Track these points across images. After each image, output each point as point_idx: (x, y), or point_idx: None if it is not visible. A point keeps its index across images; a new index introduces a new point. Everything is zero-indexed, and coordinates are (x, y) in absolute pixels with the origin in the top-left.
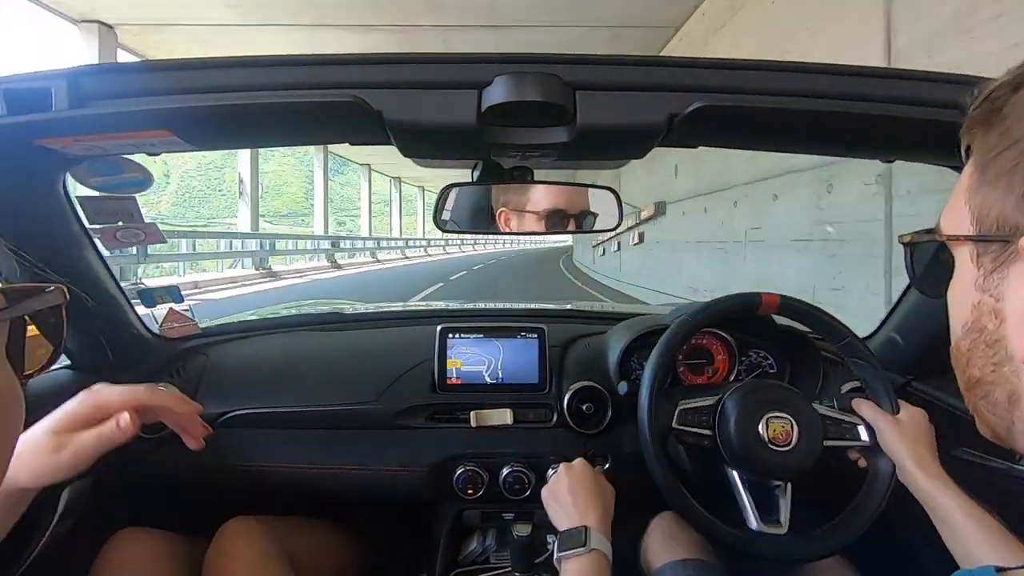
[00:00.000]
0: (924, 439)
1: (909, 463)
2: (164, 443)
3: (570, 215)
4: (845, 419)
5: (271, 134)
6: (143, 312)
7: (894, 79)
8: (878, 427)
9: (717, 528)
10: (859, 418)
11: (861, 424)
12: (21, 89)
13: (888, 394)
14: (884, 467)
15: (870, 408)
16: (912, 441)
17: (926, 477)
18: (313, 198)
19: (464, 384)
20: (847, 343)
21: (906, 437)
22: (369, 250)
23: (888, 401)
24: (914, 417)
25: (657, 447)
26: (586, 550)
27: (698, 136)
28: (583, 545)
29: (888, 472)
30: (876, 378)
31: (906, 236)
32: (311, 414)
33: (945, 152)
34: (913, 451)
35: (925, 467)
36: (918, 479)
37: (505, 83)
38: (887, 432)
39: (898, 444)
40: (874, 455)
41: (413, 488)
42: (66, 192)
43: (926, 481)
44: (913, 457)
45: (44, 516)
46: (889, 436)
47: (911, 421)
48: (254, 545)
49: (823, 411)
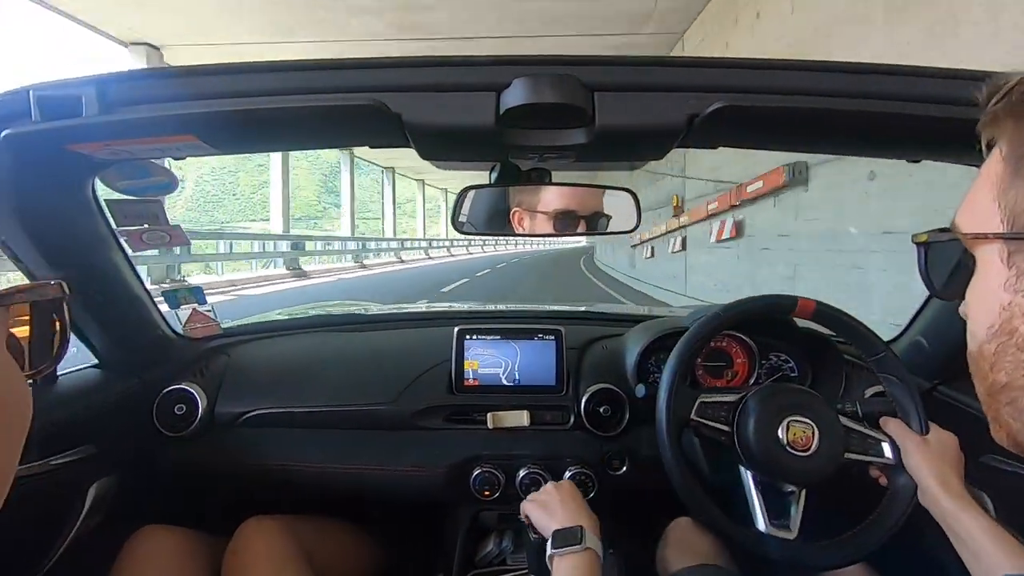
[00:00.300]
0: (951, 461)
1: (932, 483)
2: (186, 442)
3: (584, 216)
4: (871, 434)
5: (292, 138)
6: (166, 310)
7: (913, 76)
8: (904, 446)
9: (724, 523)
10: (885, 435)
11: (886, 441)
12: (54, 96)
13: (919, 414)
14: (905, 487)
15: (898, 426)
16: (938, 461)
17: (948, 497)
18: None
19: (481, 385)
20: (881, 358)
21: (932, 457)
22: (393, 251)
23: (918, 421)
24: (943, 440)
25: (673, 436)
26: (581, 548)
27: (718, 136)
28: (579, 543)
29: (909, 492)
30: (908, 397)
31: (921, 235)
32: (330, 414)
33: (963, 149)
34: (938, 471)
35: (949, 488)
36: (940, 499)
37: (523, 85)
38: (913, 451)
39: (922, 463)
40: (896, 474)
41: (430, 488)
42: (95, 195)
43: (948, 501)
44: (937, 477)
45: (72, 512)
46: (914, 455)
47: (939, 443)
48: (272, 543)
49: (848, 423)
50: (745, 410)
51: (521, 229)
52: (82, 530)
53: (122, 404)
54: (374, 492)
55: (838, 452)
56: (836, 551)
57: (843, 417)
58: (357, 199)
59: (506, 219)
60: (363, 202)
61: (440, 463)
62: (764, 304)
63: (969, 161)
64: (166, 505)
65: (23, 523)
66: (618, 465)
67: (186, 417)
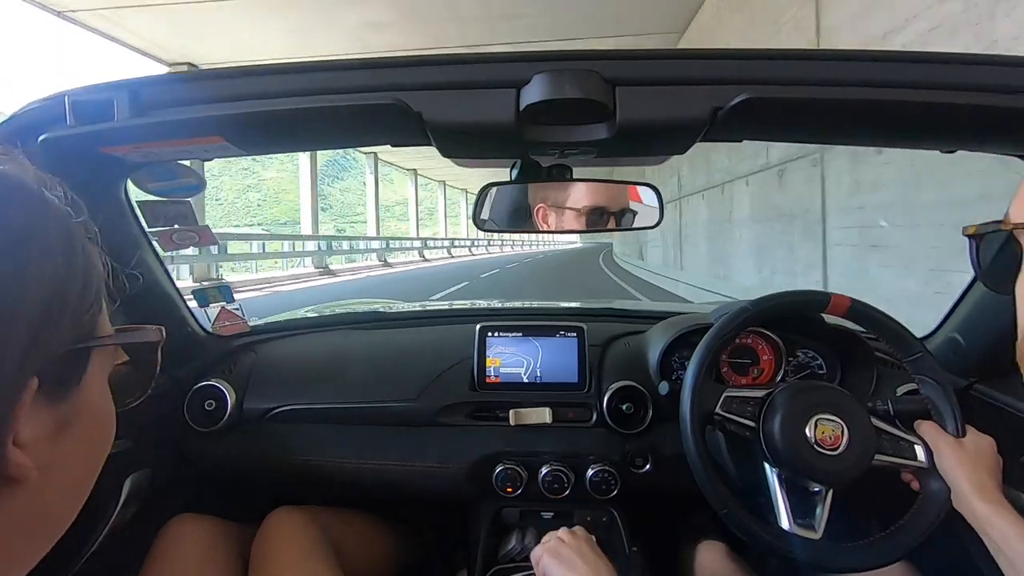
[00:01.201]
0: (987, 465)
1: (966, 486)
2: (215, 437)
3: (610, 212)
4: (903, 436)
5: (315, 137)
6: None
7: (948, 64)
8: (938, 448)
9: (746, 519)
10: (918, 438)
11: (920, 444)
12: (87, 100)
13: (956, 417)
14: (939, 491)
15: (931, 428)
16: (972, 465)
17: (983, 502)
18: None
19: (503, 383)
20: (918, 359)
21: (967, 461)
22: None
23: (954, 424)
24: (979, 443)
25: (697, 432)
26: None
27: (743, 130)
28: None
29: (942, 497)
30: (943, 398)
31: (971, 228)
32: (354, 410)
33: (1004, 138)
34: (973, 475)
35: (984, 492)
36: (974, 504)
37: (543, 81)
38: (947, 454)
39: (957, 467)
40: (929, 477)
41: (453, 485)
42: (127, 196)
43: (983, 506)
44: (972, 481)
45: (108, 503)
46: (948, 458)
47: (975, 446)
48: (299, 533)
49: (879, 424)
50: (772, 406)
51: (545, 226)
52: (119, 519)
53: (155, 400)
54: (397, 488)
55: (868, 453)
56: (862, 554)
57: (874, 418)
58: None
59: (528, 216)
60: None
61: (463, 460)
62: (795, 300)
63: (1010, 150)
64: (197, 496)
65: None
66: (641, 463)
67: (215, 413)
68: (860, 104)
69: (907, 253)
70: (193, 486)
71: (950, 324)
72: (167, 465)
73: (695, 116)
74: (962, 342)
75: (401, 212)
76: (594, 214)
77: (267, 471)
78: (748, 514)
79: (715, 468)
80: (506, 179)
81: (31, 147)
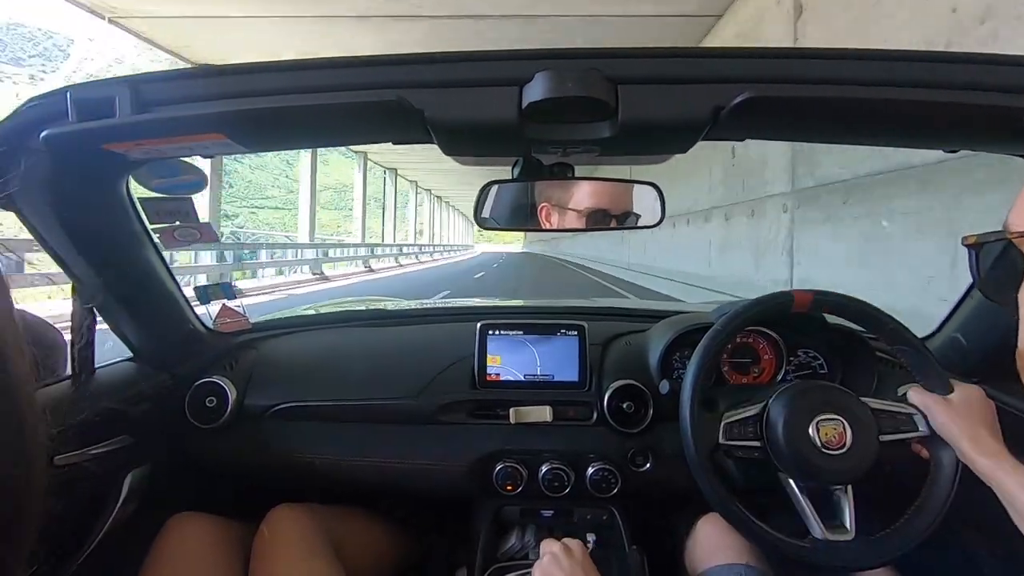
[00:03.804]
0: (980, 417)
1: (964, 443)
2: (218, 434)
3: (612, 212)
4: (900, 411)
5: (317, 135)
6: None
7: (952, 63)
8: (929, 411)
9: (781, 542)
10: (914, 407)
11: (917, 413)
12: (89, 97)
13: (939, 375)
14: (947, 455)
15: (919, 393)
16: (965, 420)
17: (983, 457)
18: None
19: (504, 381)
20: (892, 330)
21: (959, 416)
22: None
23: (939, 383)
24: (968, 395)
25: (706, 463)
26: None
27: (746, 129)
28: None
29: (952, 459)
30: (924, 360)
31: (970, 237)
32: (354, 408)
33: (1008, 138)
34: (968, 430)
35: (981, 445)
36: (975, 459)
37: (546, 79)
38: (938, 414)
39: (950, 424)
40: (934, 444)
41: (453, 483)
42: (129, 194)
43: (983, 461)
44: (969, 437)
45: (110, 499)
46: (940, 418)
47: (964, 400)
48: (300, 529)
49: (875, 405)
50: (770, 417)
51: (549, 224)
52: (120, 516)
53: (156, 396)
54: (398, 485)
55: (873, 439)
56: (895, 541)
57: (869, 400)
58: (248, 182)
59: (529, 214)
60: (259, 186)
61: (463, 458)
62: (769, 303)
63: (1012, 150)
64: (198, 493)
65: (66, 509)
66: (642, 461)
67: (216, 409)
68: (863, 103)
69: None
70: (194, 483)
71: (951, 325)
72: (167, 462)
73: (697, 115)
74: (964, 342)
75: (328, 200)
76: (596, 214)
77: (268, 468)
78: (782, 536)
79: (732, 491)
80: (507, 177)
81: (33, 144)
